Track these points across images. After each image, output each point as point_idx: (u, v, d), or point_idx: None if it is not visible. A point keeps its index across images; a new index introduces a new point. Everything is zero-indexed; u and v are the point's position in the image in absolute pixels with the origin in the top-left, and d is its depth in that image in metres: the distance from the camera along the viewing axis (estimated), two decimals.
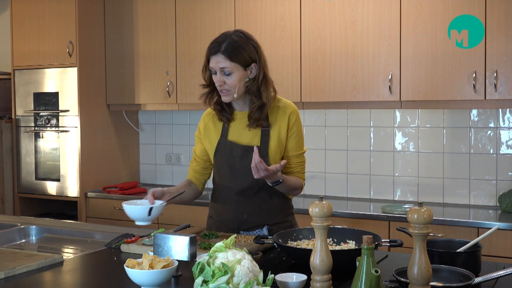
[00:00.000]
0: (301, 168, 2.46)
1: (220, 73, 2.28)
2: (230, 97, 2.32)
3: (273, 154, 2.36)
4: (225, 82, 2.28)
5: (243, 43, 2.30)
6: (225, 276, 1.53)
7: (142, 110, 4.60)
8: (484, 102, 3.41)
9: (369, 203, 3.89)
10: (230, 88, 2.29)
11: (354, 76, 3.69)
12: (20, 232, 2.70)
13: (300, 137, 2.43)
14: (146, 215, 2.14)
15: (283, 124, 2.38)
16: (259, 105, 2.33)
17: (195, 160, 2.54)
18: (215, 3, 4.12)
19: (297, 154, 2.42)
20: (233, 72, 2.27)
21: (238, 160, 2.37)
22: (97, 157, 4.50)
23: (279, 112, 2.39)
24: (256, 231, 2.43)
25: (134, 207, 2.17)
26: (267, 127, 2.37)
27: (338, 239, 2.14)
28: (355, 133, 4.07)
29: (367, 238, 1.47)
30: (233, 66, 2.26)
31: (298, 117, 2.42)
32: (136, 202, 2.22)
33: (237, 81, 2.28)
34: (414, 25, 3.52)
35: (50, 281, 1.95)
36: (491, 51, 3.34)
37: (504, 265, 1.93)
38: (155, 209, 2.16)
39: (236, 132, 2.41)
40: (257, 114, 2.34)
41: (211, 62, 2.29)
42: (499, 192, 3.66)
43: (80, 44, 4.36)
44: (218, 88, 2.32)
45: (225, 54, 2.25)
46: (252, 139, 2.38)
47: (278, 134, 2.37)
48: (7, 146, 4.59)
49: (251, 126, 2.37)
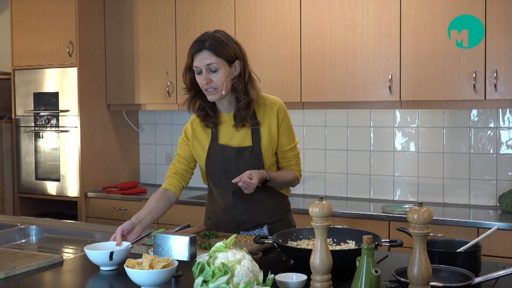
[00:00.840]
0: (296, 161, 2.48)
1: (206, 71, 2.25)
2: (217, 95, 2.29)
3: (266, 152, 2.37)
4: (211, 80, 2.26)
5: (226, 40, 2.29)
6: (225, 276, 1.53)
7: (142, 110, 4.60)
8: (484, 102, 3.41)
9: (369, 203, 3.89)
10: (217, 86, 2.26)
11: (354, 76, 3.69)
12: (20, 232, 2.70)
13: (290, 131, 2.45)
14: (107, 260, 1.96)
15: (273, 121, 2.38)
16: (246, 103, 2.32)
17: (179, 162, 2.47)
18: (215, 3, 4.12)
19: (290, 147, 2.44)
20: (219, 69, 2.25)
21: (232, 162, 2.37)
22: (97, 157, 4.50)
23: (266, 109, 2.39)
24: (257, 230, 2.43)
25: (94, 252, 1.98)
26: (256, 125, 2.37)
27: (338, 239, 2.14)
28: (355, 133, 4.07)
29: (367, 238, 1.47)
30: (219, 61, 2.25)
31: (285, 111, 2.43)
32: (99, 245, 2.06)
33: (224, 78, 2.26)
34: (414, 25, 3.52)
35: (50, 281, 1.95)
36: (491, 51, 3.34)
37: (504, 265, 1.93)
38: (118, 253, 1.98)
39: (226, 135, 2.39)
40: (244, 112, 2.32)
41: (196, 61, 2.26)
42: (499, 192, 3.66)
43: (80, 44, 4.36)
44: (204, 87, 2.28)
45: (211, 50, 2.24)
46: (244, 139, 2.38)
47: (268, 131, 2.38)
48: (7, 146, 4.59)
49: (238, 126, 2.35)
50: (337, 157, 4.14)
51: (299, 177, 2.50)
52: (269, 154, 2.38)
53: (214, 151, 2.40)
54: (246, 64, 2.34)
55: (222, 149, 2.38)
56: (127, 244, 2.07)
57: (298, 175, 2.49)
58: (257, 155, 2.35)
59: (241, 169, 2.32)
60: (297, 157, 2.49)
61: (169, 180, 2.44)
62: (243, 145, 2.37)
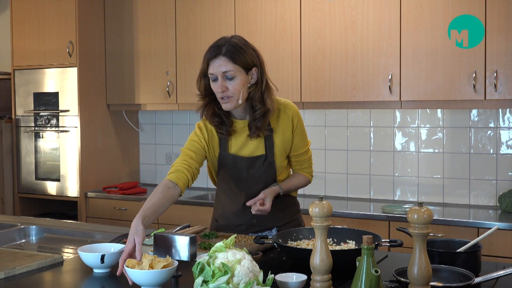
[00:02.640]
0: (309, 163, 2.47)
1: (221, 78, 2.14)
2: (233, 104, 2.17)
3: (279, 159, 2.34)
4: (227, 88, 2.15)
5: (244, 46, 2.18)
6: (225, 276, 1.53)
7: (142, 110, 4.60)
8: (484, 102, 3.41)
9: (369, 203, 3.89)
10: (233, 95, 2.15)
11: (354, 76, 3.69)
12: (20, 232, 2.70)
13: (304, 134, 2.39)
14: (99, 263, 1.91)
15: (287, 128, 2.32)
16: (262, 113, 2.21)
17: (192, 159, 2.26)
18: (215, 3, 4.12)
19: (304, 151, 2.41)
20: (236, 76, 2.14)
21: (244, 172, 2.32)
22: (97, 157, 4.50)
23: (280, 115, 2.31)
24: (266, 232, 2.42)
25: (86, 254, 1.94)
26: (270, 132, 2.29)
27: (338, 239, 2.14)
28: (355, 133, 4.07)
29: (367, 238, 1.47)
30: (236, 69, 2.14)
31: (299, 116, 2.36)
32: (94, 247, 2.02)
33: (240, 86, 2.15)
34: (414, 25, 3.51)
35: (50, 281, 1.95)
36: (491, 51, 3.34)
37: (504, 265, 1.93)
38: (109, 256, 1.92)
39: (238, 144, 2.31)
40: (259, 122, 2.22)
41: (212, 67, 2.15)
42: (499, 192, 3.66)
43: (80, 44, 4.36)
44: (220, 95, 2.16)
45: (227, 56, 2.13)
46: (256, 148, 2.31)
47: (282, 137, 2.31)
48: (7, 146, 4.59)
49: (253, 136, 2.26)
50: (337, 157, 4.13)
51: (310, 179, 2.50)
52: (281, 160, 2.35)
53: (224, 161, 2.32)
54: (263, 72, 2.23)
55: (234, 159, 2.31)
56: (120, 247, 2.03)
57: (309, 177, 2.49)
58: (270, 163, 2.31)
59: (253, 178, 2.30)
60: (309, 159, 2.47)
61: (180, 175, 2.19)
62: (256, 154, 2.31)
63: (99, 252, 1.95)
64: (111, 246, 2.06)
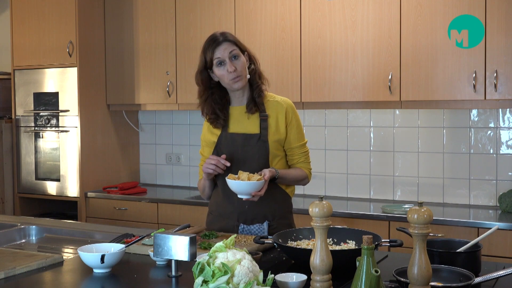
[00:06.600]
0: (305, 158, 2.56)
1: (229, 60, 2.39)
2: (243, 82, 2.43)
3: (272, 141, 2.45)
4: (236, 68, 2.39)
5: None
6: (225, 276, 1.53)
7: (142, 110, 4.60)
8: (484, 102, 3.41)
9: (369, 203, 3.89)
10: (241, 73, 2.40)
11: (354, 76, 3.69)
12: (20, 232, 2.70)
13: (300, 129, 2.55)
14: (99, 262, 1.92)
15: (281, 116, 2.48)
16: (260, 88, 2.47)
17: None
18: (215, 3, 4.12)
19: (299, 145, 2.54)
20: (240, 55, 2.42)
21: (240, 149, 2.45)
22: (97, 157, 4.50)
23: (276, 106, 2.50)
24: (256, 225, 2.44)
25: (86, 254, 1.96)
26: (265, 116, 2.47)
27: (338, 239, 2.14)
28: (355, 133, 4.07)
29: (367, 238, 1.47)
30: (238, 49, 2.43)
31: (295, 110, 2.55)
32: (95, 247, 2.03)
33: (245, 63, 2.43)
34: (414, 25, 3.52)
35: (50, 281, 1.95)
36: (491, 51, 3.34)
37: (504, 265, 1.93)
38: (109, 256, 1.93)
39: (236, 125, 2.49)
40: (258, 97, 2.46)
41: (218, 52, 2.40)
42: (499, 192, 3.66)
43: (80, 44, 4.36)
44: (231, 76, 2.38)
45: (229, 40, 2.43)
46: (252, 127, 2.47)
47: (276, 123, 2.47)
48: (7, 146, 4.59)
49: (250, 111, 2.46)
50: (337, 157, 4.13)
51: (308, 175, 2.57)
52: (275, 144, 2.46)
53: (223, 139, 2.49)
54: (251, 56, 2.52)
55: (231, 137, 2.48)
56: (120, 247, 2.04)
57: (307, 172, 2.56)
58: (264, 141, 2.43)
59: (247, 156, 2.42)
60: (306, 155, 2.57)
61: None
62: (251, 132, 2.46)
63: (99, 252, 1.96)
64: (111, 246, 2.06)
